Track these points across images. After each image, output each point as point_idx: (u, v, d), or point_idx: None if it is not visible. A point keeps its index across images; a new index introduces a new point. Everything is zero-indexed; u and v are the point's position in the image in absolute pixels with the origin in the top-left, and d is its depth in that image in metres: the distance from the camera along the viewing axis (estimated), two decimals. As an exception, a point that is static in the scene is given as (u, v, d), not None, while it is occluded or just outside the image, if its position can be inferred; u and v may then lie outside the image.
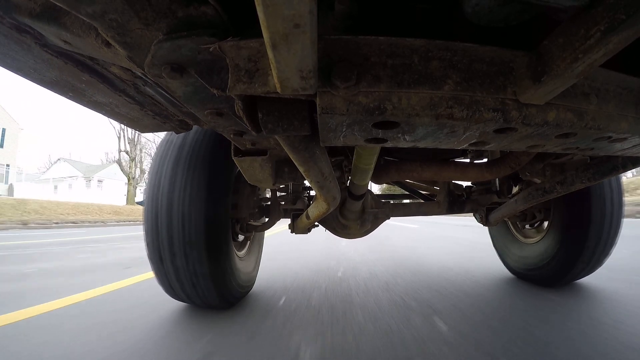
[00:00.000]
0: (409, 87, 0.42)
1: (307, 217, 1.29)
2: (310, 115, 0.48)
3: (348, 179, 1.27)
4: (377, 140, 0.51)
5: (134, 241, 5.51)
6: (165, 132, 1.28)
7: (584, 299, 1.47)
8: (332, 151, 1.24)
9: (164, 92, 0.64)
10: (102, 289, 1.96)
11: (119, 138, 28.62)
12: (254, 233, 1.86)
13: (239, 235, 1.63)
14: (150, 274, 2.10)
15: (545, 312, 1.31)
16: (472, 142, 0.52)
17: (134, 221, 15.71)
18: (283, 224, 6.35)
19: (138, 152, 29.45)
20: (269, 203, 1.74)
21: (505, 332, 1.11)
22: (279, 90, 0.40)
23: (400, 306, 1.43)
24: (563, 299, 1.47)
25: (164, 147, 1.34)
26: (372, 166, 0.89)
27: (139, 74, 0.59)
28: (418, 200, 2.15)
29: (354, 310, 1.39)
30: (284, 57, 0.33)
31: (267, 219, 1.75)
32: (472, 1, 0.44)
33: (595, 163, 0.94)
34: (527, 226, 1.92)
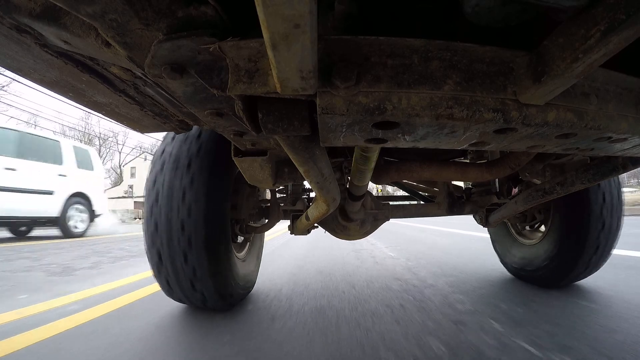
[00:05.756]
0: (409, 87, 0.42)
1: (307, 218, 1.28)
2: (310, 115, 0.48)
3: (348, 180, 1.27)
4: (377, 141, 0.51)
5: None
6: (165, 133, 1.28)
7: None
8: (332, 152, 1.24)
9: (164, 92, 0.64)
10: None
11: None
12: (254, 234, 1.85)
13: (239, 236, 1.62)
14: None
15: None
16: (472, 142, 0.52)
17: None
18: (283, 224, 6.00)
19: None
20: (269, 204, 1.74)
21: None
22: (279, 90, 0.40)
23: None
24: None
25: (163, 147, 1.34)
26: (372, 167, 0.89)
27: (139, 74, 0.59)
28: (418, 202, 2.15)
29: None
30: (284, 57, 0.33)
31: (266, 220, 1.75)
32: (472, 1, 0.44)
33: (595, 164, 0.93)
34: (527, 227, 1.92)
